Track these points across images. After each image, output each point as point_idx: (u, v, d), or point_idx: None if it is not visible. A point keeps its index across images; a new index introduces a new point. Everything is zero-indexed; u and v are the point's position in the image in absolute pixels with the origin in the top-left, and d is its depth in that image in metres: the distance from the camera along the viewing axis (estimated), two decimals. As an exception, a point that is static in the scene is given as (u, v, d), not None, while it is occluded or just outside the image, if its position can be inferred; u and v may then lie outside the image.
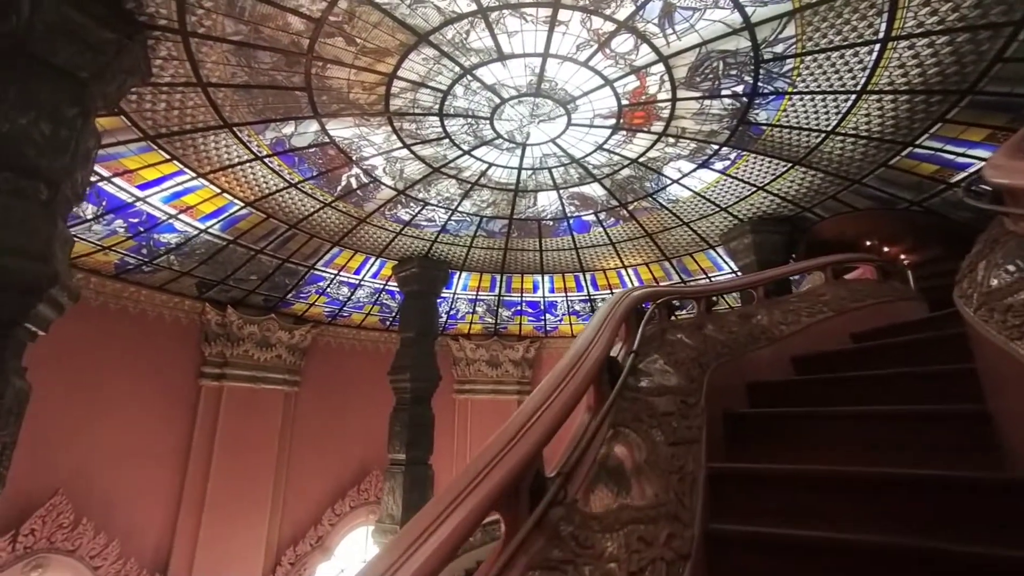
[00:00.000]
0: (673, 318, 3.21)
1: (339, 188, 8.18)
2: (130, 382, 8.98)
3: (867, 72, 5.16)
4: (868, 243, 8.11)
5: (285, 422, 11.17)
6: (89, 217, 7.14)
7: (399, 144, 7.28)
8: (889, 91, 5.40)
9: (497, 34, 5.29)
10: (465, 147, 7.47)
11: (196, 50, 5.06)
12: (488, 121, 6.86)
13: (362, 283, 11.27)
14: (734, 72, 5.62)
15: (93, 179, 6.60)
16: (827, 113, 5.94)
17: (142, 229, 7.75)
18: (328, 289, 11.14)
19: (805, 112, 6.04)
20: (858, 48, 5.03)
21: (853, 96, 5.55)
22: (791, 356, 3.10)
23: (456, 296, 12.27)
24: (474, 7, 4.92)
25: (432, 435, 9.98)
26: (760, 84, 5.73)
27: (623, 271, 11.05)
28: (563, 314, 12.75)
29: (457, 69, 5.83)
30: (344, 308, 11.93)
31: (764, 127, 6.47)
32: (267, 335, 11.01)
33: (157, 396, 9.34)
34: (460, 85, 6.12)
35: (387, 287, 11.49)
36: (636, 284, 11.37)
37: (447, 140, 7.27)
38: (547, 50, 5.53)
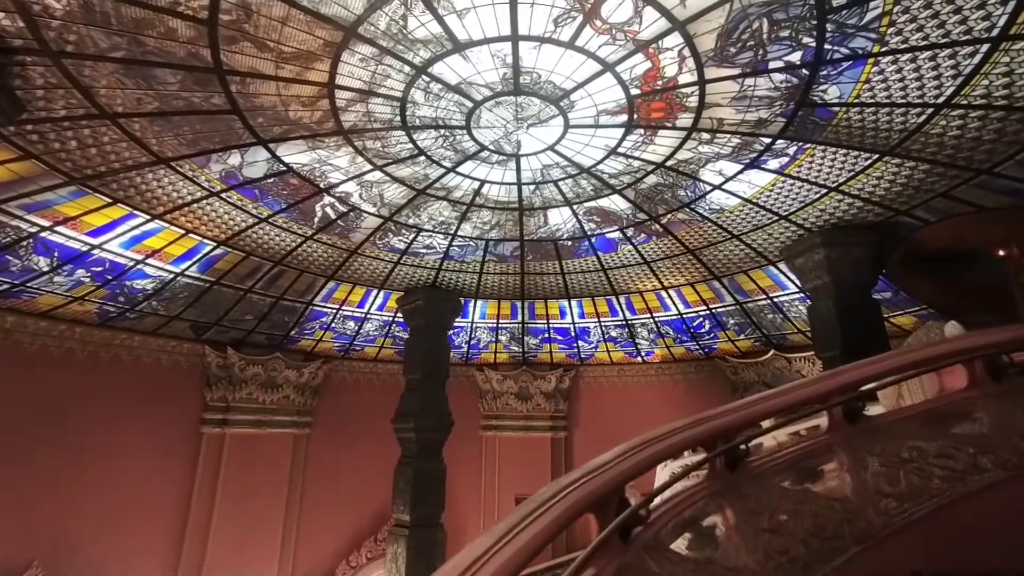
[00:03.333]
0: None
1: (316, 220, 7.17)
2: (125, 435, 8.47)
3: (1011, 5, 3.29)
4: (1002, 253, 5.92)
5: (295, 467, 10.37)
6: (45, 269, 6.54)
7: (369, 166, 6.12)
8: (1043, 36, 3.49)
9: (443, 15, 3.94)
10: (447, 164, 6.18)
11: (78, 73, 4.13)
12: (465, 131, 5.52)
13: (368, 316, 10.29)
14: (787, 33, 3.92)
15: (32, 230, 5.96)
16: (937, 78, 4.05)
17: (110, 277, 7.11)
18: (333, 324, 10.26)
19: (901, 80, 4.18)
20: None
21: (985, 47, 3.67)
22: (912, 573, 1.48)
23: (475, 325, 10.99)
24: (400, -20, 3.62)
25: (443, 491, 8.73)
26: (828, 47, 3.98)
27: (663, 293, 9.28)
28: (597, 340, 11.11)
29: (407, 70, 4.55)
30: (355, 342, 11.01)
31: (835, 108, 4.65)
32: (273, 375, 10.27)
33: (154, 448, 8.79)
34: (417, 89, 4.83)
35: (396, 319, 10.43)
36: (681, 307, 9.55)
37: (423, 157, 6.02)
38: (515, 31, 4.11)
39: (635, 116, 5.15)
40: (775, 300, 8.56)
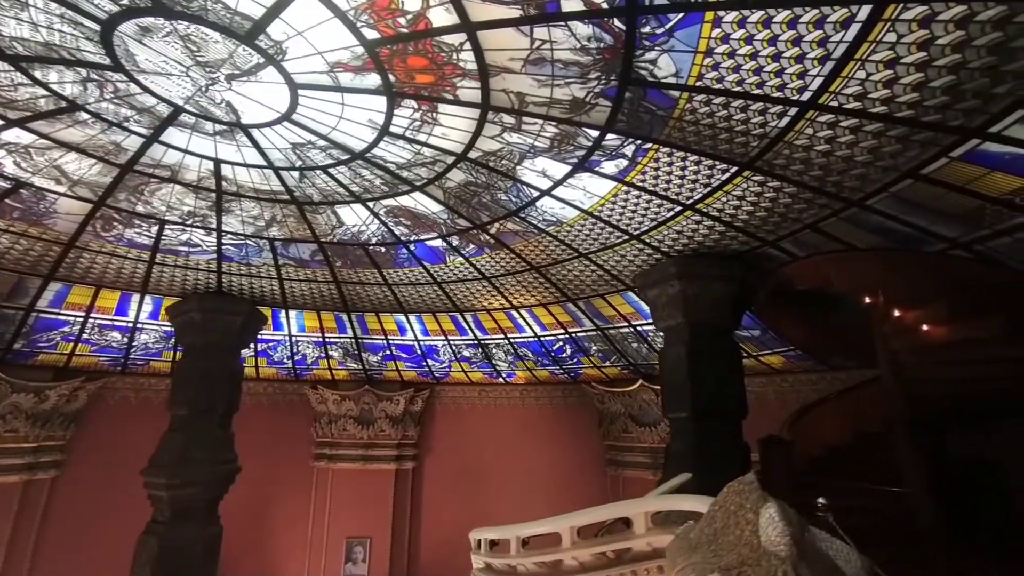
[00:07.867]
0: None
1: (-37, 197, 4.67)
2: None
3: None
4: (868, 300, 4.86)
5: (23, 526, 7.73)
6: None
7: (-3, 120, 3.78)
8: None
9: None
10: (138, 128, 3.99)
11: None
12: (123, 75, 3.38)
13: (139, 326, 7.78)
14: (573, -55, 2.22)
15: None
16: (801, 60, 2.57)
17: None
18: (86, 336, 7.64)
19: (753, 56, 2.67)
20: None
21: (867, 10, 2.19)
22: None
23: (294, 339, 8.83)
24: None
25: (213, 566, 6.64)
26: (640, -21, 2.34)
27: (514, 313, 7.70)
28: (449, 360, 9.41)
29: None
30: (131, 356, 8.44)
31: (673, 92, 3.09)
32: (-10, 403, 7.50)
33: None
34: (-41, -21, 2.63)
35: (181, 330, 8.00)
36: (537, 329, 8.05)
37: (87, 115, 3.79)
38: None
39: (391, 78, 3.29)
40: (637, 328, 7.27)
